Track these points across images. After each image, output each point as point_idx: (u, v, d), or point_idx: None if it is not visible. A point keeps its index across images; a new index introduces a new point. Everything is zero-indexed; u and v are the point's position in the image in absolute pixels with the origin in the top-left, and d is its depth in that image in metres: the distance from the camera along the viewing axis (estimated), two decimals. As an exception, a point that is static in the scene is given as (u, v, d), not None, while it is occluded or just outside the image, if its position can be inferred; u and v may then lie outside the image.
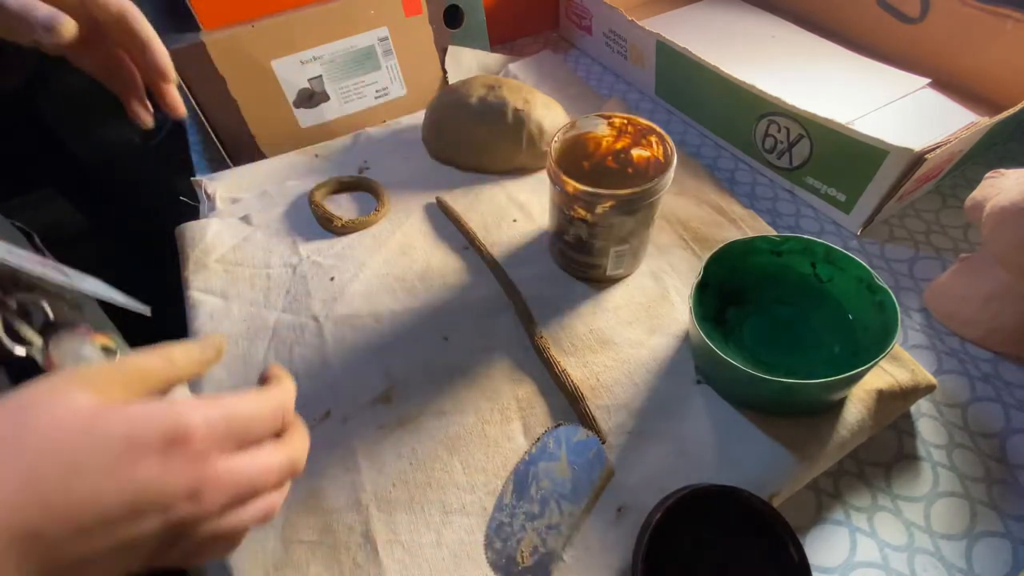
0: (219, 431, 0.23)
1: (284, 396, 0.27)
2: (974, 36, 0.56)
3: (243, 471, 0.24)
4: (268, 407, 0.25)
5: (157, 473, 0.21)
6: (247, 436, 0.24)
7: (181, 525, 0.21)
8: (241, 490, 0.24)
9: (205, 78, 0.52)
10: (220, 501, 0.23)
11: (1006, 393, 0.38)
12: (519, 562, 0.31)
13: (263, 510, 0.25)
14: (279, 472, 0.26)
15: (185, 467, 0.21)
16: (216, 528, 0.23)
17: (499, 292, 0.45)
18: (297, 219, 0.52)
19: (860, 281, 0.36)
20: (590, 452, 0.35)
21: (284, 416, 0.26)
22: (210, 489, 0.22)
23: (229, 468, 0.23)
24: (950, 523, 0.33)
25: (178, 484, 0.21)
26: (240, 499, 0.24)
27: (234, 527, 0.24)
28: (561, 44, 0.79)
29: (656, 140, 0.42)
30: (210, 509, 0.22)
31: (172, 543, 0.22)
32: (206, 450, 0.22)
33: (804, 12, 0.72)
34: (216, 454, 0.23)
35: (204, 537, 0.23)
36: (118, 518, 0.20)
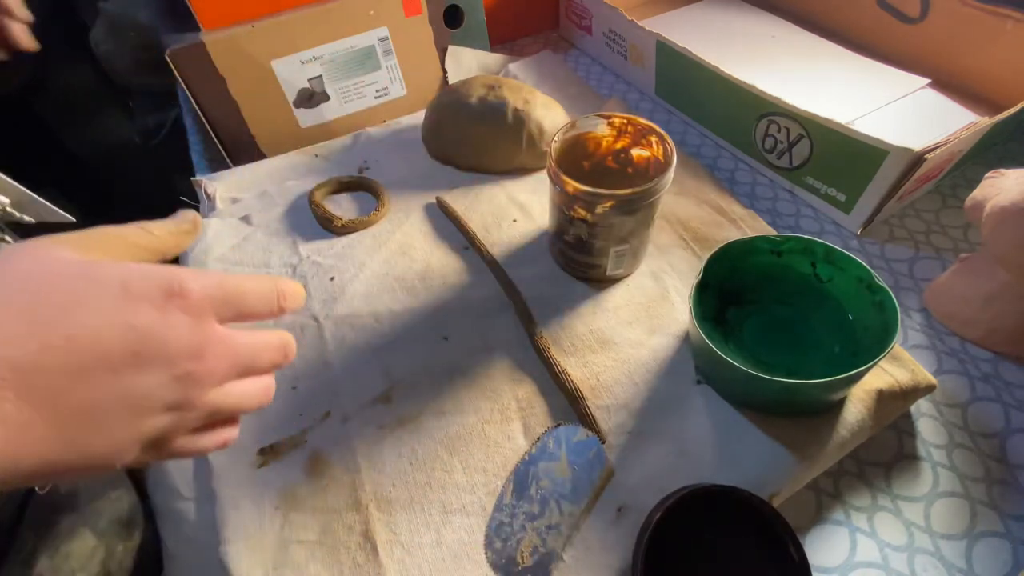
0: (216, 296, 0.23)
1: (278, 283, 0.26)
2: (974, 36, 0.56)
3: (242, 340, 0.24)
4: (260, 286, 0.25)
5: (157, 322, 0.20)
6: (242, 308, 0.24)
7: (187, 384, 0.21)
8: (241, 359, 0.24)
9: (205, 78, 0.52)
10: (222, 366, 0.22)
11: (1006, 393, 0.38)
12: (519, 562, 0.31)
13: (262, 390, 0.25)
14: (275, 349, 0.26)
15: (185, 320, 0.21)
16: (221, 399, 0.23)
17: (499, 292, 0.45)
18: (297, 219, 0.52)
19: (860, 281, 0.36)
20: (590, 452, 0.35)
21: (279, 299, 0.26)
22: (211, 349, 0.22)
23: (227, 334, 0.23)
24: (950, 523, 0.33)
25: (179, 335, 0.21)
26: (241, 370, 0.24)
27: (237, 401, 0.24)
28: (561, 44, 0.79)
29: (656, 140, 0.42)
30: (213, 371, 0.22)
31: (180, 408, 0.21)
32: (204, 310, 0.22)
33: (804, 12, 0.72)
34: (213, 317, 0.22)
35: (210, 407, 0.23)
36: (120, 363, 0.19)
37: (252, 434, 0.38)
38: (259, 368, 0.25)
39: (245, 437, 0.37)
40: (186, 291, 0.21)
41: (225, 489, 0.35)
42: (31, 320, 0.18)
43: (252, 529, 0.33)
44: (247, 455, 0.37)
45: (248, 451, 0.37)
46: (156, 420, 0.21)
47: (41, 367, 0.17)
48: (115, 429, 0.20)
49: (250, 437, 0.37)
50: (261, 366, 0.25)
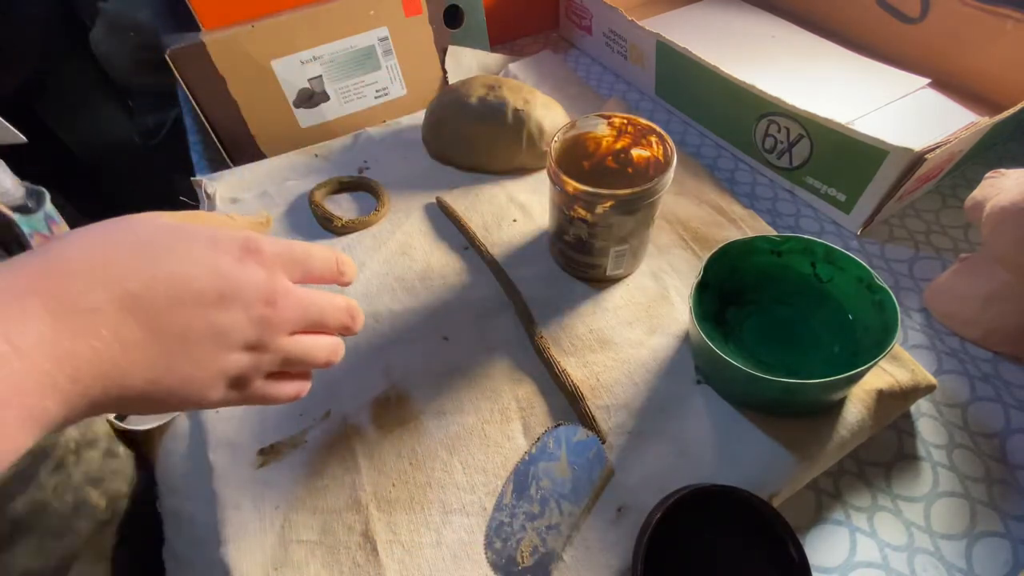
0: (284, 255, 0.26)
1: (339, 254, 0.30)
2: (974, 36, 0.56)
3: (309, 294, 0.27)
4: (323, 252, 0.29)
5: (237, 269, 0.24)
6: (308, 269, 0.27)
7: (263, 326, 0.24)
8: (310, 312, 0.27)
9: (205, 78, 0.52)
10: (292, 315, 0.25)
11: (1006, 393, 0.38)
12: (519, 562, 0.31)
13: (330, 346, 0.28)
14: (341, 310, 0.29)
15: (259, 269, 0.24)
16: (292, 346, 0.26)
17: (499, 292, 0.45)
18: (297, 219, 0.52)
19: (860, 281, 0.36)
20: (590, 452, 0.35)
21: (339, 264, 0.29)
22: (282, 299, 0.25)
23: (296, 288, 0.26)
24: (950, 523, 0.33)
25: (255, 283, 0.24)
26: (309, 323, 0.27)
27: (305, 350, 0.27)
28: (561, 44, 0.79)
29: (656, 140, 0.42)
30: (285, 318, 0.25)
31: (257, 349, 0.24)
32: (275, 265, 0.25)
33: (804, 12, 0.72)
34: (283, 274, 0.26)
35: (283, 352, 0.26)
36: (209, 300, 0.22)
37: (252, 434, 0.38)
38: (327, 324, 0.28)
39: (245, 437, 0.38)
40: (260, 248, 0.25)
41: (225, 489, 0.35)
42: (142, 259, 0.21)
43: (252, 529, 0.33)
44: (247, 455, 0.37)
45: (248, 451, 0.37)
46: (237, 357, 0.24)
47: (149, 296, 0.21)
48: (205, 358, 0.23)
49: (250, 437, 0.37)
50: (328, 323, 0.28)
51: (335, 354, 0.29)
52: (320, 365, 0.28)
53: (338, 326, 0.29)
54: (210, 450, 0.37)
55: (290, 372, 0.28)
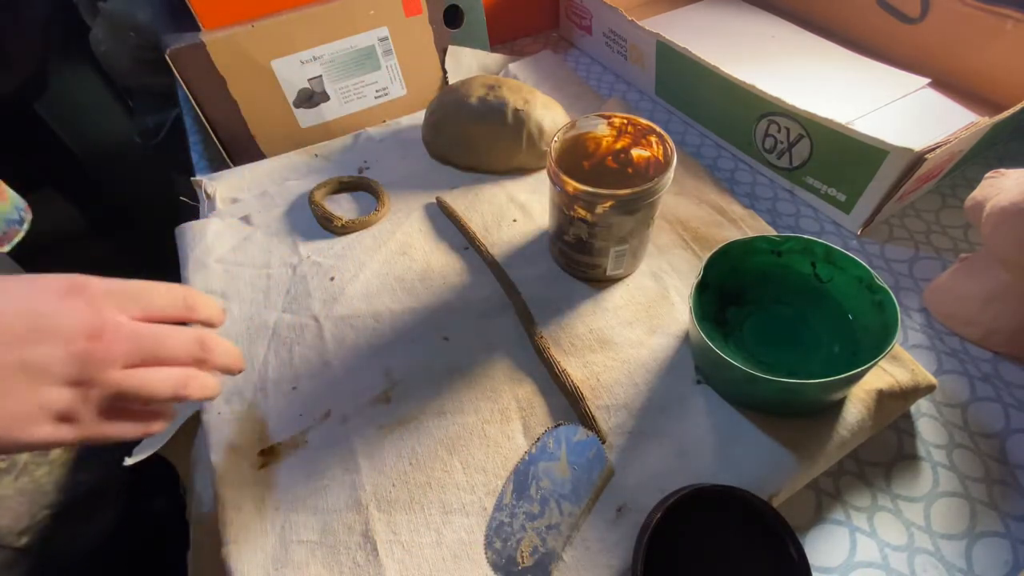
0: (116, 292, 0.26)
1: (189, 290, 0.29)
2: (974, 36, 0.56)
3: (144, 327, 0.26)
4: (166, 288, 0.28)
5: (55, 307, 0.24)
6: (147, 304, 0.27)
7: (85, 361, 0.24)
8: (144, 345, 0.26)
9: (205, 78, 0.52)
10: (121, 348, 0.25)
11: (1006, 393, 0.38)
12: (519, 562, 0.31)
13: (175, 379, 0.27)
14: (184, 342, 0.28)
15: (82, 306, 0.25)
16: (123, 379, 0.25)
17: (499, 292, 0.45)
18: (297, 219, 0.52)
19: (860, 281, 0.36)
20: (590, 452, 0.35)
21: (185, 299, 0.29)
22: (109, 331, 0.25)
23: (130, 322, 0.26)
24: (950, 523, 0.33)
25: (75, 316, 0.24)
26: (145, 356, 0.26)
27: (139, 384, 0.26)
28: (561, 44, 0.79)
29: (656, 140, 0.42)
30: (111, 351, 0.25)
31: (83, 383, 0.24)
32: (103, 300, 0.25)
33: (804, 12, 0.72)
34: (114, 308, 0.26)
35: (114, 386, 0.25)
36: (20, 337, 0.23)
37: (253, 435, 0.38)
38: (168, 356, 0.27)
39: (246, 439, 0.38)
40: (87, 286, 0.25)
41: (227, 490, 0.35)
42: None
43: (253, 530, 0.33)
44: (248, 456, 0.37)
45: (249, 452, 0.37)
46: (58, 392, 0.24)
47: None
48: (19, 393, 0.23)
49: (251, 439, 0.37)
50: (172, 354, 0.27)
51: (184, 387, 0.28)
52: (164, 399, 0.27)
53: (186, 358, 0.28)
54: (212, 452, 0.37)
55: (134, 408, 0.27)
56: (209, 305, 0.31)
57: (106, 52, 0.87)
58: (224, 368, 0.31)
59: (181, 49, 0.49)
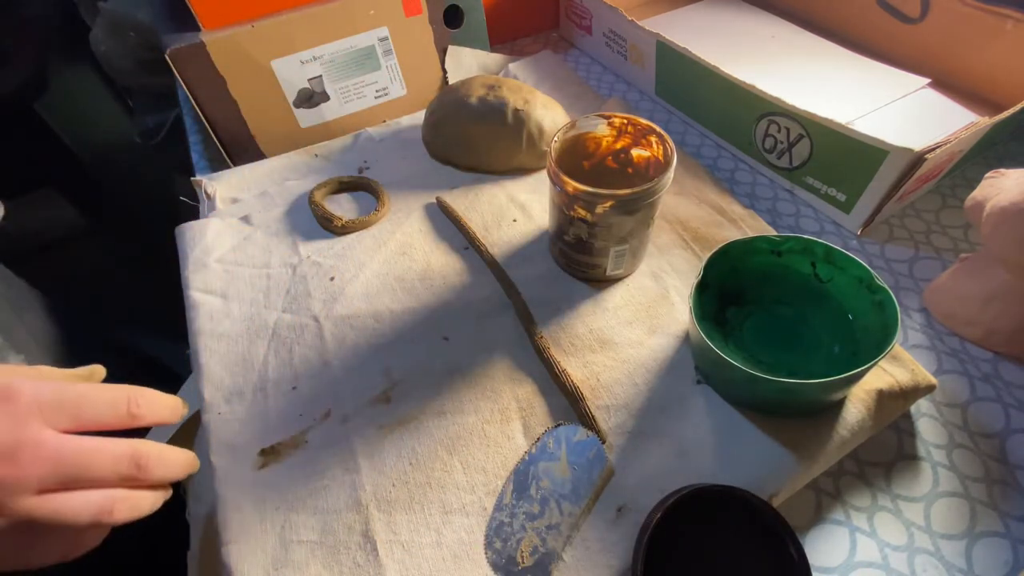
0: (47, 402, 0.23)
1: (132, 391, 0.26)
2: (974, 36, 0.56)
3: (68, 445, 0.23)
4: (107, 394, 0.25)
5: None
6: (80, 414, 0.24)
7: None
8: (65, 467, 0.23)
9: (205, 78, 0.52)
10: (37, 471, 0.22)
11: (1006, 393, 0.38)
12: (519, 562, 0.31)
13: (97, 504, 0.24)
14: (113, 460, 0.24)
15: (2, 423, 0.22)
16: (34, 507, 0.22)
17: (499, 292, 0.45)
18: (297, 219, 0.52)
19: (860, 281, 0.36)
20: (590, 452, 0.35)
21: (129, 406, 0.25)
22: (28, 453, 0.22)
23: (54, 438, 0.23)
24: (950, 523, 0.33)
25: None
26: (65, 479, 0.23)
27: (54, 511, 0.23)
28: (561, 44, 0.79)
29: (656, 140, 0.42)
30: (26, 475, 0.22)
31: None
32: (28, 414, 0.22)
33: (804, 12, 0.72)
34: (39, 422, 0.23)
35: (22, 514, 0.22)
36: None
37: (253, 436, 0.38)
38: (93, 478, 0.24)
39: (246, 439, 0.38)
40: (14, 395, 0.22)
41: (227, 491, 0.35)
42: None
43: (253, 530, 0.33)
44: (248, 457, 0.37)
45: (249, 453, 0.37)
46: None
47: None
48: None
49: (251, 439, 0.37)
50: (95, 476, 0.24)
51: (108, 513, 0.24)
52: (83, 525, 0.24)
53: (115, 478, 0.25)
54: (212, 452, 0.37)
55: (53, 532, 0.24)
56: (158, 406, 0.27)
57: (106, 52, 0.87)
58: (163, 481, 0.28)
59: (181, 49, 0.49)
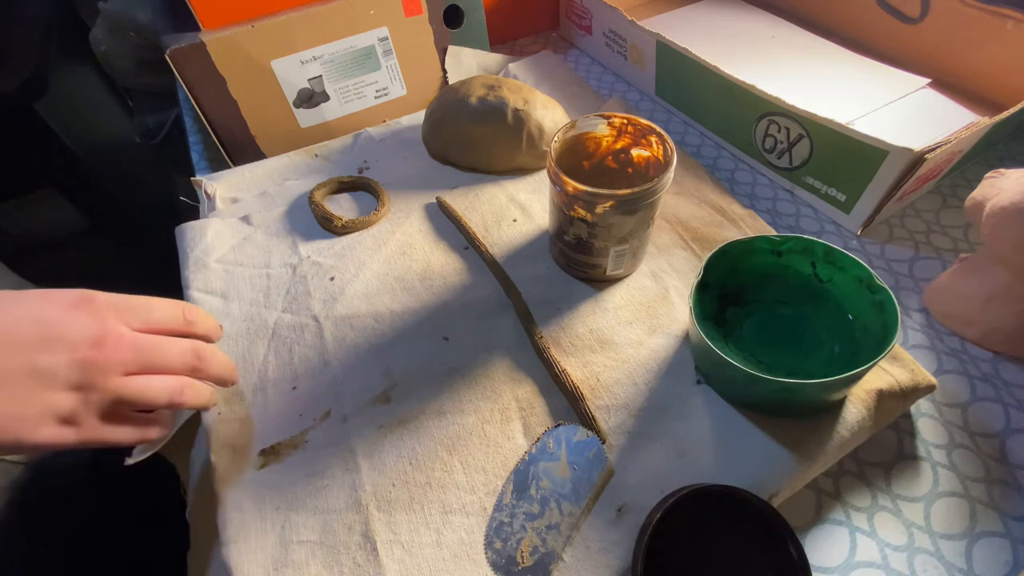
0: (120, 305, 0.28)
1: (188, 305, 0.32)
2: (974, 36, 0.56)
3: (143, 337, 0.28)
4: (166, 303, 0.30)
5: (63, 317, 0.26)
6: (148, 317, 0.29)
7: (88, 367, 0.26)
8: (143, 353, 0.28)
9: (205, 78, 0.52)
10: (121, 356, 0.27)
11: (1006, 393, 0.38)
12: (519, 562, 0.31)
13: (171, 386, 0.29)
14: (180, 352, 0.30)
15: (87, 317, 0.26)
16: (122, 385, 0.27)
17: (499, 292, 0.45)
18: (297, 219, 0.52)
19: (860, 281, 0.36)
20: (590, 452, 0.35)
21: (184, 314, 0.31)
22: (111, 340, 0.27)
23: (131, 332, 0.28)
24: (950, 523, 0.33)
25: (81, 327, 0.26)
26: (144, 364, 0.28)
27: (138, 390, 0.28)
28: (561, 44, 0.79)
29: (656, 140, 0.42)
30: (112, 358, 0.26)
31: (85, 387, 0.26)
32: (107, 312, 0.27)
33: (804, 12, 0.72)
34: (116, 320, 0.28)
35: (114, 392, 0.27)
36: (29, 344, 0.25)
37: (253, 436, 0.38)
38: (165, 365, 0.29)
39: (246, 439, 0.38)
40: (93, 299, 0.27)
41: (227, 491, 0.35)
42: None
43: (253, 530, 0.33)
44: (249, 457, 0.37)
45: (249, 453, 0.37)
46: (62, 396, 0.25)
47: None
48: (27, 396, 0.24)
49: (251, 439, 0.37)
50: (169, 364, 0.29)
51: (179, 393, 0.29)
52: (161, 405, 0.29)
53: (182, 367, 0.30)
54: (212, 452, 0.37)
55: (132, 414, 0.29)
56: (207, 320, 0.33)
57: (106, 52, 0.87)
58: (218, 378, 0.33)
59: (181, 49, 0.49)
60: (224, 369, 0.33)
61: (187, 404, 0.30)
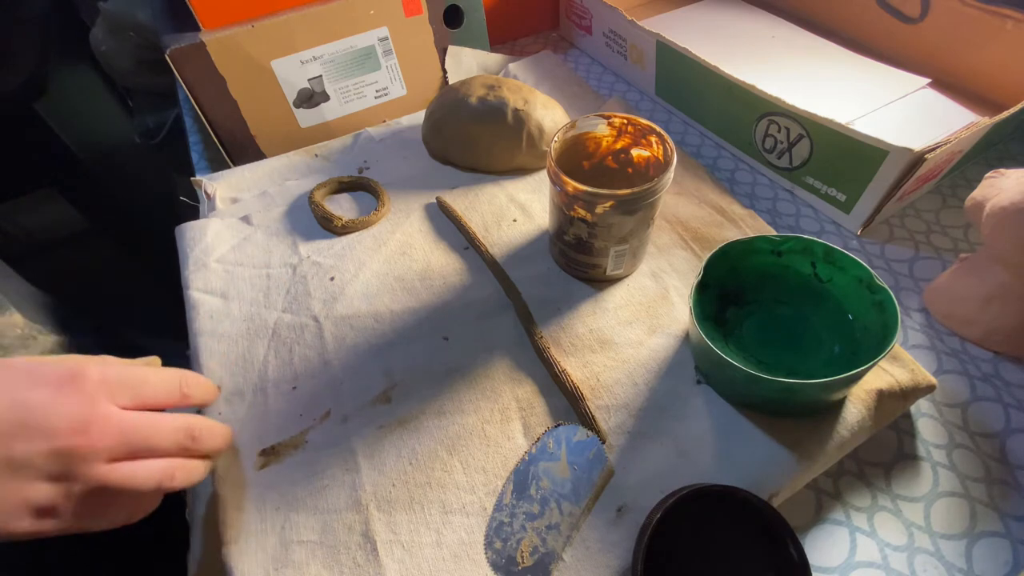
0: (112, 380, 0.26)
1: (182, 374, 0.30)
2: (974, 36, 0.56)
3: (132, 419, 0.26)
4: (163, 375, 0.29)
5: (48, 400, 0.24)
6: (141, 392, 0.27)
7: (69, 457, 0.24)
8: (130, 438, 0.26)
9: (205, 78, 0.52)
10: (107, 442, 0.25)
11: (1006, 393, 0.38)
12: (519, 562, 0.31)
13: (160, 471, 0.27)
14: (171, 432, 0.28)
15: (74, 400, 0.24)
16: (106, 474, 0.25)
17: (499, 292, 0.45)
18: (297, 219, 0.52)
19: (860, 281, 0.36)
20: (590, 452, 0.35)
21: (181, 387, 0.29)
22: (98, 426, 0.25)
23: (119, 414, 0.26)
24: (950, 523, 0.33)
25: (65, 413, 0.24)
26: (131, 450, 0.26)
27: (124, 478, 0.26)
28: (561, 44, 0.79)
29: (656, 140, 0.42)
30: (97, 446, 0.24)
31: (65, 477, 0.24)
32: (96, 392, 0.25)
33: (804, 12, 0.72)
34: (106, 400, 0.25)
35: (97, 481, 0.25)
36: (6, 432, 0.23)
37: (254, 436, 0.38)
38: (155, 448, 0.27)
39: (247, 439, 0.38)
40: (84, 375, 0.25)
41: (227, 491, 0.35)
42: None
43: (253, 530, 0.33)
44: (249, 457, 0.37)
45: (250, 453, 0.37)
46: (40, 488, 0.23)
47: None
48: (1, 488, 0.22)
49: (252, 439, 0.38)
50: (157, 446, 0.27)
51: (170, 479, 0.28)
52: (149, 491, 0.27)
53: (174, 448, 0.28)
54: (211, 451, 0.37)
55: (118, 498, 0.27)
56: (204, 390, 0.31)
57: (106, 52, 0.87)
58: (212, 453, 0.31)
59: (181, 49, 0.49)
60: (217, 441, 0.31)
61: (177, 487, 0.28)
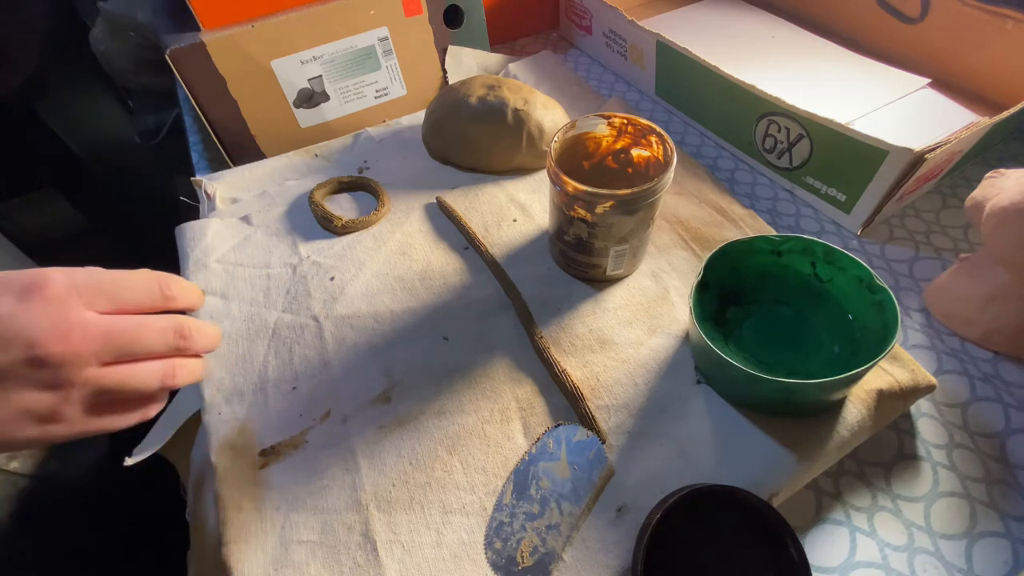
0: (81, 284, 0.25)
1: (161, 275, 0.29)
2: (974, 36, 0.56)
3: (115, 322, 0.25)
4: (140, 277, 0.28)
5: (16, 309, 0.23)
6: (118, 297, 0.26)
7: (54, 364, 0.23)
8: (117, 342, 0.25)
9: (205, 78, 0.52)
10: (91, 347, 0.24)
11: (1006, 393, 0.38)
12: (519, 562, 0.31)
13: (160, 371, 0.27)
14: (160, 333, 0.27)
15: (43, 306, 0.24)
16: (102, 377, 0.25)
17: (499, 292, 0.45)
18: (297, 219, 0.52)
19: (860, 281, 0.36)
20: (590, 452, 0.35)
21: (162, 288, 0.28)
22: (77, 332, 0.24)
23: (99, 318, 0.25)
24: (950, 523, 0.33)
25: (37, 320, 0.23)
26: (120, 353, 0.26)
27: (121, 379, 0.25)
28: (561, 44, 0.79)
29: (656, 140, 0.42)
30: (81, 351, 0.24)
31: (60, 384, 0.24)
32: (66, 298, 0.24)
33: (804, 12, 0.72)
34: (79, 303, 0.25)
35: (93, 384, 0.25)
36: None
37: (254, 436, 0.38)
38: (146, 350, 0.27)
39: (247, 439, 0.38)
40: (48, 283, 0.24)
41: (227, 491, 0.35)
42: None
43: (253, 530, 0.33)
44: (249, 456, 0.37)
45: (250, 453, 0.37)
46: (36, 396, 0.23)
47: None
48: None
49: (252, 439, 0.37)
50: (148, 348, 0.27)
51: (171, 376, 0.28)
52: (151, 390, 0.27)
53: (165, 349, 0.28)
54: (212, 452, 0.37)
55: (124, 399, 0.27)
56: (188, 292, 0.30)
57: (106, 52, 0.87)
58: (205, 351, 0.31)
59: (181, 49, 0.49)
60: (210, 340, 0.31)
61: (180, 384, 0.29)
